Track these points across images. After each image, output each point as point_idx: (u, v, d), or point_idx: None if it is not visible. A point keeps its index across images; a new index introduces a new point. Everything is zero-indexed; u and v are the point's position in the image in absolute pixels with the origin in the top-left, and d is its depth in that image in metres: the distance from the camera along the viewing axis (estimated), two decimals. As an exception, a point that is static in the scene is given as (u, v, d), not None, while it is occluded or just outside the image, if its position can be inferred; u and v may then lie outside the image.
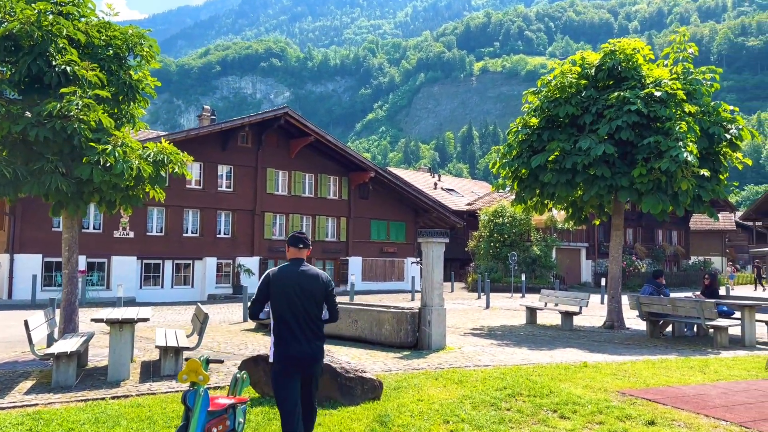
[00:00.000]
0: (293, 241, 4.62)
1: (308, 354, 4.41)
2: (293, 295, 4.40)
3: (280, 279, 4.46)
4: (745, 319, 10.92)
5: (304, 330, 4.41)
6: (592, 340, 12.11)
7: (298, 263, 4.55)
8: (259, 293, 4.49)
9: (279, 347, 4.42)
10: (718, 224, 51.22)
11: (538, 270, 33.15)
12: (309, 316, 4.44)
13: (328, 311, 4.60)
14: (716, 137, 13.48)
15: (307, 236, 4.73)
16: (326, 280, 4.59)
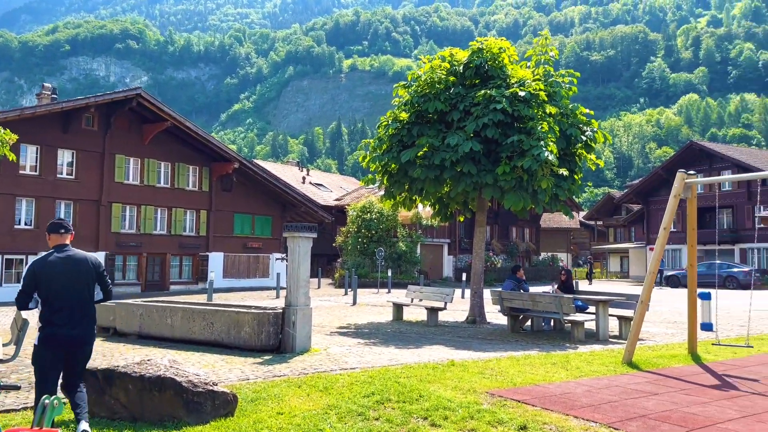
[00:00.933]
0: (53, 228, 4.75)
1: (78, 336, 4.61)
2: (63, 281, 4.54)
3: (47, 266, 4.56)
4: (600, 313, 11.40)
5: (74, 313, 4.58)
6: (457, 336, 12.08)
7: (63, 249, 4.69)
8: (25, 284, 4.52)
9: (46, 329, 4.53)
10: (565, 223, 55.37)
11: (403, 265, 33.54)
12: (80, 299, 4.63)
13: (102, 291, 4.81)
14: (573, 138, 14.05)
15: (68, 222, 4.97)
16: (95, 262, 4.81)
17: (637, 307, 8.87)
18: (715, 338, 10.07)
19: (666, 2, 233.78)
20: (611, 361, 8.89)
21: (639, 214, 48.38)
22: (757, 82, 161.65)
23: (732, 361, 9.18)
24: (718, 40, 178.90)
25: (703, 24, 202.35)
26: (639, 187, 46.14)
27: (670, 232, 9.09)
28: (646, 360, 8.97)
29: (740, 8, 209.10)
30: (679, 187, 8.91)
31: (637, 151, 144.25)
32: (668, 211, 8.89)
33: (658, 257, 8.91)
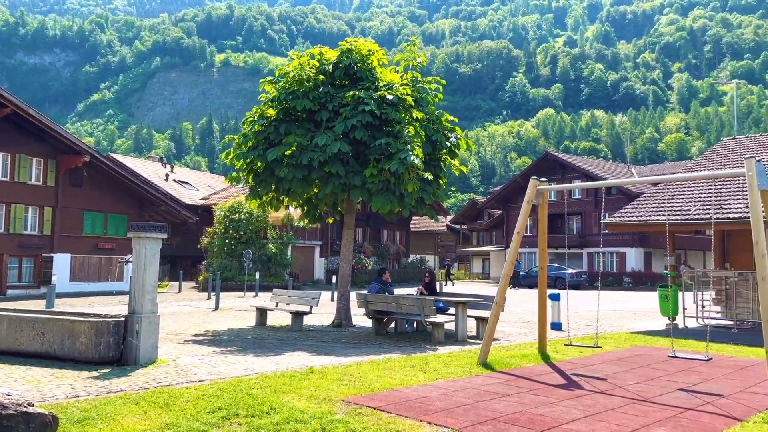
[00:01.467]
0: None
1: None
2: None
3: None
4: (459, 314, 11.64)
5: None
6: (321, 340, 11.80)
7: None
8: None
9: None
10: (433, 226, 57.21)
11: (273, 268, 32.75)
12: None
13: None
14: (438, 144, 14.32)
15: None
16: None
17: (492, 309, 9.10)
18: (566, 338, 10.62)
19: (528, 21, 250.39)
20: (467, 362, 9.04)
21: (500, 219, 51.13)
22: (606, 100, 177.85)
23: (578, 359, 9.69)
24: (572, 60, 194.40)
25: (560, 44, 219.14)
26: (500, 194, 48.77)
27: (525, 236, 9.43)
28: (499, 360, 9.22)
29: (593, 31, 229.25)
30: (531, 193, 9.27)
31: (499, 160, 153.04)
32: (521, 216, 9.22)
33: (512, 260, 9.20)
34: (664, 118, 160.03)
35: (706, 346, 8.80)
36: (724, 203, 14.13)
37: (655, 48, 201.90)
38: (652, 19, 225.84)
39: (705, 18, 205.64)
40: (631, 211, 15.93)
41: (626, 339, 12.36)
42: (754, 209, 6.79)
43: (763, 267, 6.63)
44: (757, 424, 5.81)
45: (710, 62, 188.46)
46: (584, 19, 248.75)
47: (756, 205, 6.80)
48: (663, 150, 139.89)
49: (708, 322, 14.86)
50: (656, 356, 10.11)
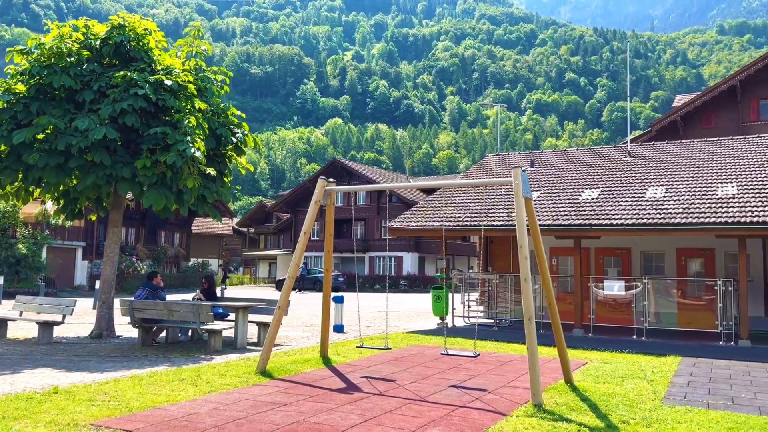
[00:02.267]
0: None
1: None
2: None
3: None
4: (239, 320, 10.93)
5: None
6: (74, 354, 10.22)
7: None
8: None
9: None
10: (217, 228, 54.99)
11: (23, 272, 28.40)
12: None
13: None
14: (223, 139, 13.43)
15: None
16: None
17: (275, 313, 8.62)
18: (352, 340, 10.53)
19: (319, 31, 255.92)
20: (245, 371, 8.43)
21: (288, 223, 50.91)
22: (389, 115, 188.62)
23: (358, 361, 9.64)
24: (360, 74, 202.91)
25: (348, 57, 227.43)
26: (289, 198, 48.59)
27: (311, 240, 9.14)
28: (280, 367, 8.77)
29: (378, 49, 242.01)
30: (319, 193, 9.01)
31: (289, 164, 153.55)
32: (309, 216, 8.90)
33: (297, 261, 8.83)
34: (438, 135, 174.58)
35: (474, 344, 9.30)
36: (489, 212, 15.43)
37: (432, 71, 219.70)
38: (430, 44, 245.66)
39: (474, 48, 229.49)
40: (410, 217, 16.66)
41: (402, 339, 12.74)
42: (519, 214, 7.28)
43: (526, 269, 7.12)
44: (520, 417, 6.13)
45: (477, 88, 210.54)
46: (371, 37, 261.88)
47: (521, 211, 7.29)
48: (436, 164, 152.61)
49: (473, 321, 16.11)
50: (430, 354, 10.49)
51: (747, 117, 30.14)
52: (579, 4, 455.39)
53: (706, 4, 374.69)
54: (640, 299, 13.50)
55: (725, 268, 15.27)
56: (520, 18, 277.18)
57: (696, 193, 13.84)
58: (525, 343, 10.52)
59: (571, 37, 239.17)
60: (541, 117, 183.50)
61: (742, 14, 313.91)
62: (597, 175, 16.70)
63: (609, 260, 16.64)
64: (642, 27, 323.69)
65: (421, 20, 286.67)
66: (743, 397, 7.34)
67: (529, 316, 6.88)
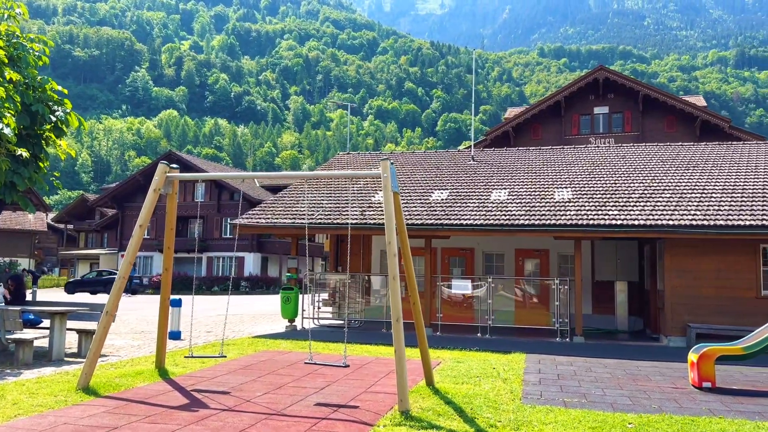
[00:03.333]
0: None
1: None
2: None
3: None
4: (56, 328, 9.33)
5: None
6: None
7: None
8: None
9: None
10: (29, 224, 48.89)
11: None
12: None
13: None
14: (40, 117, 11.54)
15: None
16: None
17: (101, 319, 7.37)
18: (187, 348, 9.44)
19: (154, 17, 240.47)
20: (63, 389, 7.10)
21: (114, 219, 46.56)
22: (229, 110, 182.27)
23: (201, 372, 8.64)
24: (198, 65, 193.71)
25: (186, 47, 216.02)
26: (115, 192, 44.49)
27: (143, 239, 8.01)
28: (106, 382, 7.54)
29: (219, 41, 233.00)
30: (160, 180, 7.90)
31: (116, 157, 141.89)
32: (146, 206, 7.76)
33: (131, 259, 7.66)
34: (282, 135, 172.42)
35: (345, 351, 8.77)
36: (343, 210, 15.03)
37: (276, 69, 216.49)
38: (274, 41, 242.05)
39: (318, 50, 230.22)
40: (259, 213, 15.73)
41: (249, 344, 11.84)
42: (387, 208, 6.88)
43: (394, 266, 6.74)
44: (388, 427, 5.70)
45: (321, 90, 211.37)
46: (211, 28, 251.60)
47: (389, 205, 6.90)
48: (279, 164, 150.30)
49: (323, 322, 15.60)
50: (281, 360, 9.78)
51: (569, 130, 33.09)
52: (418, 18, 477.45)
53: (529, 27, 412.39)
54: (485, 298, 13.90)
55: (558, 268, 16.34)
56: (363, 25, 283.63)
57: (536, 197, 14.60)
58: (378, 345, 10.19)
59: (410, 48, 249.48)
60: (381, 123, 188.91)
61: (559, 39, 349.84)
62: (445, 177, 17.05)
63: (454, 260, 17.06)
64: (474, 44, 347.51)
65: (264, 16, 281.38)
66: (594, 393, 7.61)
67: (397, 316, 6.50)
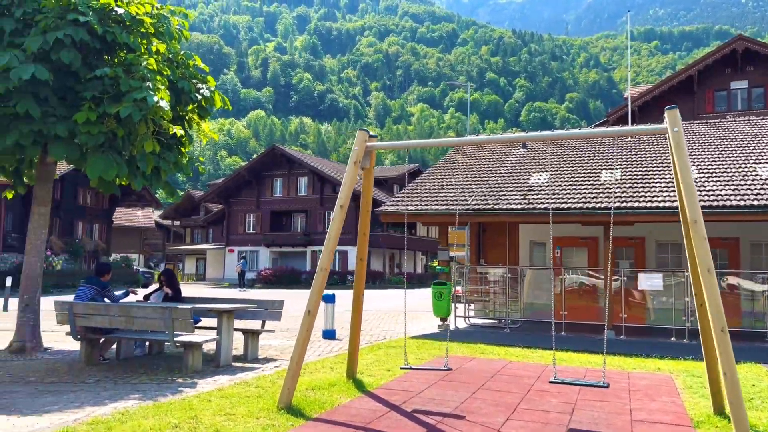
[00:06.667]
0: None
1: None
2: None
3: None
4: (223, 328, 8.14)
5: None
6: (-11, 381, 7.14)
7: None
8: None
9: None
10: (138, 222, 50.32)
11: None
12: None
13: None
14: (184, 95, 10.49)
15: None
16: None
17: (303, 320, 5.99)
18: (369, 347, 8.01)
19: (239, 21, 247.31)
20: (261, 407, 5.77)
21: (219, 215, 47.02)
22: (313, 108, 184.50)
23: (397, 383, 7.20)
24: (283, 66, 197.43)
25: (271, 48, 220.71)
26: (221, 187, 44.80)
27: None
28: (301, 397, 6.19)
29: (301, 41, 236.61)
30: (360, 151, 6.45)
31: (208, 157, 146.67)
32: (346, 183, 6.33)
33: (332, 246, 6.25)
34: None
35: (603, 372, 7.07)
36: (500, 194, 13.28)
37: (356, 66, 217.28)
38: (354, 38, 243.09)
39: (398, 45, 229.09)
40: (403, 201, 14.25)
41: (418, 347, 10.33)
42: (685, 175, 5.06)
43: (706, 253, 4.91)
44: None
45: (401, 85, 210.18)
46: (294, 29, 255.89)
47: (687, 170, 5.07)
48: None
49: (475, 322, 13.96)
50: (476, 370, 8.18)
51: (702, 108, 29.83)
52: (497, 7, 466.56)
53: (616, 11, 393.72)
54: (677, 295, 11.76)
55: (749, 260, 13.89)
56: (442, 17, 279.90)
57: (737, 173, 12.27)
58: (567, 351, 8.35)
59: (491, 38, 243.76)
60: (463, 115, 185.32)
61: (649, 21, 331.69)
62: (605, 156, 14.91)
63: (620, 251, 14.94)
64: (557, 31, 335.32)
65: (344, 14, 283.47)
66: None
67: (722, 325, 4.67)
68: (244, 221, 44.38)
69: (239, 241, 44.14)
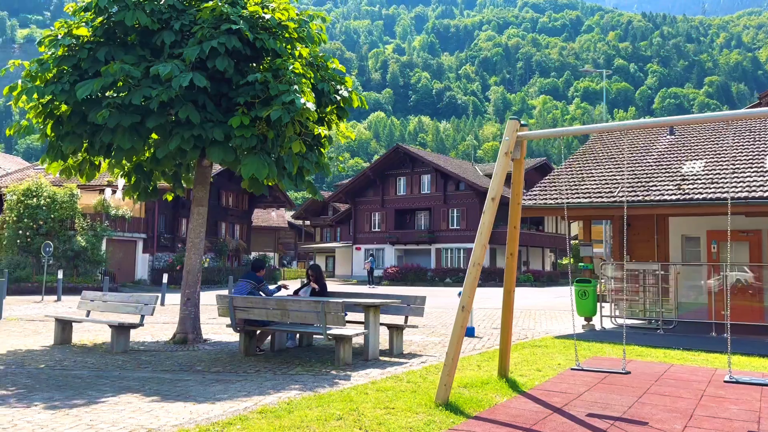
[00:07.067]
0: None
1: None
2: None
3: None
4: (370, 322, 8.24)
5: None
6: (161, 369, 7.71)
7: None
8: None
9: None
10: (273, 222, 53.02)
11: (82, 266, 26.62)
12: None
13: None
14: (324, 96, 10.78)
15: None
16: None
17: (458, 317, 5.87)
18: (520, 343, 7.73)
19: (360, 26, 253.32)
20: (419, 402, 5.72)
21: (346, 214, 48.42)
22: (431, 107, 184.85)
23: (552, 384, 6.87)
24: (401, 67, 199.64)
25: (389, 50, 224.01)
26: (348, 187, 46.09)
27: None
28: (457, 394, 6.06)
29: (419, 41, 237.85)
30: (511, 142, 6.21)
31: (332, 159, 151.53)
32: (497, 174, 6.12)
33: (484, 242, 6.07)
34: (483, 126, 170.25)
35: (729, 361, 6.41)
36: (649, 185, 12.39)
37: (475, 61, 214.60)
38: (472, 34, 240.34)
39: (518, 37, 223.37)
40: (541, 194, 13.74)
41: (565, 348, 9.87)
42: None
43: None
44: None
45: (522, 78, 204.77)
46: (412, 29, 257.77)
47: None
48: (482, 156, 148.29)
49: (621, 322, 13.13)
50: (640, 374, 7.62)
51: None
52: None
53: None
54: None
55: None
56: (564, 5, 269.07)
57: None
58: (743, 354, 7.37)
59: (618, 23, 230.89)
60: (589, 105, 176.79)
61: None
62: (760, 141, 13.43)
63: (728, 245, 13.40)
64: (692, 11, 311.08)
65: (462, 10, 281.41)
66: None
67: None
68: (370, 220, 45.31)
69: (365, 240, 45.14)
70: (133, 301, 9.52)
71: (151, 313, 9.29)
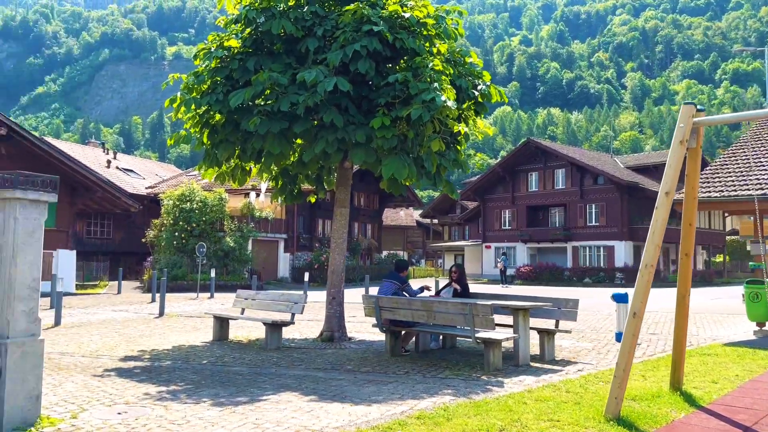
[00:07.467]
0: None
1: None
2: None
3: None
4: (520, 326, 7.88)
5: None
6: (313, 366, 7.88)
7: None
8: None
9: None
10: (402, 221, 53.61)
11: (231, 264, 28.45)
12: None
13: None
14: (464, 92, 10.52)
15: None
16: None
17: (628, 323, 5.38)
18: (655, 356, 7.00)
19: (484, 20, 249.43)
20: (586, 416, 5.30)
21: (475, 212, 47.78)
22: (561, 98, 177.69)
23: (731, 398, 6.12)
24: (528, 58, 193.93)
25: (516, 42, 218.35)
26: (477, 185, 45.44)
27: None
28: (630, 408, 5.55)
29: (547, 31, 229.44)
30: (686, 129, 5.59)
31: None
32: (672, 166, 5.53)
33: (658, 241, 5.51)
34: (619, 116, 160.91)
35: None
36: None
37: (608, 48, 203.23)
38: (605, 19, 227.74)
39: (656, 19, 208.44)
40: (704, 186, 12.52)
41: (739, 357, 8.85)
42: None
43: None
44: None
45: (662, 62, 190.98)
46: (539, 19, 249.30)
47: None
48: (618, 147, 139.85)
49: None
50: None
51: None
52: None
53: None
54: None
55: None
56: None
57: None
58: None
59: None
60: (740, 88, 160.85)
61: None
62: None
63: None
64: None
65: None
66: None
67: None
68: (500, 217, 44.33)
69: (495, 238, 44.22)
70: (284, 300, 9.88)
71: (301, 312, 9.59)
